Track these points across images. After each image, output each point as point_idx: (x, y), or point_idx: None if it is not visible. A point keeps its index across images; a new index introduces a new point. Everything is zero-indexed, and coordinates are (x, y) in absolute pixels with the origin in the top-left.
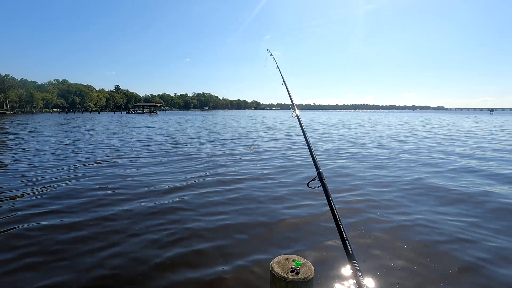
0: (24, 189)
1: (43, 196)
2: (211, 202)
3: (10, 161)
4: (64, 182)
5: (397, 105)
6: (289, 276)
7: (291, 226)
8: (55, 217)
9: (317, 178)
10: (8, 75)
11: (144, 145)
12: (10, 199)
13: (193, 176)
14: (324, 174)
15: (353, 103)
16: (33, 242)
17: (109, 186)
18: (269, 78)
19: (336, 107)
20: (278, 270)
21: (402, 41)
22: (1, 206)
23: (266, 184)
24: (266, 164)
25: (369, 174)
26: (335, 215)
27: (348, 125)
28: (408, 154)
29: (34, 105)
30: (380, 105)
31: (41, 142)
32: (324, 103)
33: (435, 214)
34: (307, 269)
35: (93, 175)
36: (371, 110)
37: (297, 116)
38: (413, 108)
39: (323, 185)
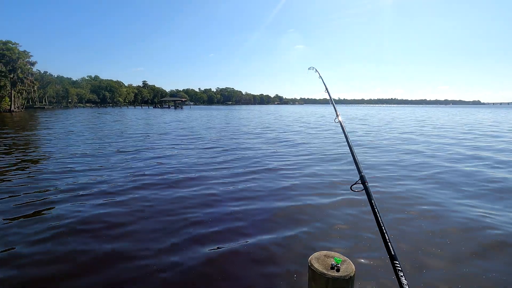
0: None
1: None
2: None
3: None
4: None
5: (428, 99)
6: (329, 273)
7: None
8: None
9: (359, 182)
10: (47, 72)
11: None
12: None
13: None
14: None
15: (380, 97)
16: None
17: None
18: (293, 73)
19: (361, 102)
20: (317, 266)
21: (434, 31)
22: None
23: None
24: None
25: None
26: (378, 217)
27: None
28: None
29: (69, 100)
30: (410, 99)
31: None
32: (349, 97)
33: None
34: (348, 267)
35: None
36: (399, 105)
37: (340, 122)
38: (446, 102)
39: (366, 188)
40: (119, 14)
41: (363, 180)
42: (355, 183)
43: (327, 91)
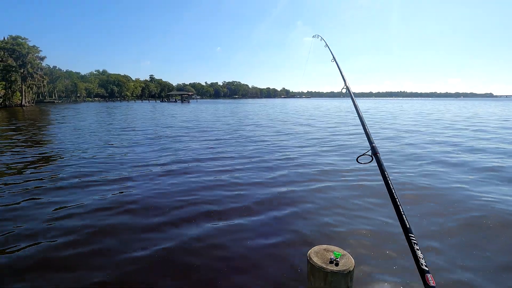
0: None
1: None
2: None
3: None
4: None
5: (438, 92)
6: (328, 267)
7: None
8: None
9: (368, 153)
10: (56, 66)
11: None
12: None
13: None
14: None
15: (389, 90)
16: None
17: None
18: (299, 67)
19: (370, 95)
20: (316, 260)
21: (444, 22)
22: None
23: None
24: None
25: None
26: (391, 189)
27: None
28: None
29: (78, 95)
30: (419, 92)
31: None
32: (357, 90)
33: None
34: (347, 261)
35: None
36: (408, 98)
37: (347, 88)
38: (457, 95)
39: (377, 159)
40: (125, 7)
41: (374, 151)
42: (362, 154)
43: (335, 60)
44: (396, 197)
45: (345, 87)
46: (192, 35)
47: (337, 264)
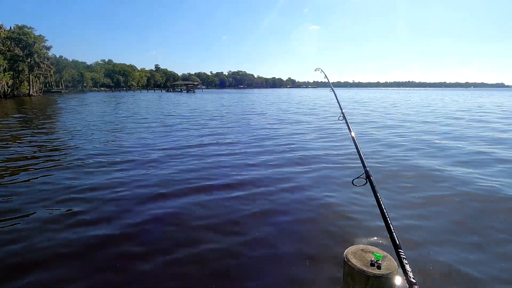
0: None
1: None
2: None
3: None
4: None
5: (447, 82)
6: (370, 270)
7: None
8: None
9: (363, 176)
10: (62, 56)
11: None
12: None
13: None
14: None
15: (397, 80)
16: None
17: None
18: (306, 57)
19: (377, 85)
20: (355, 262)
21: (455, 8)
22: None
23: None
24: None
25: None
26: (383, 210)
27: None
28: None
29: (85, 84)
30: (428, 82)
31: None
32: (364, 80)
33: None
34: (390, 263)
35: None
36: (416, 88)
37: (343, 116)
38: (467, 85)
39: (370, 182)
40: None
41: (367, 174)
42: (357, 177)
43: (333, 91)
44: (387, 216)
45: (341, 115)
46: (198, 23)
47: (379, 267)
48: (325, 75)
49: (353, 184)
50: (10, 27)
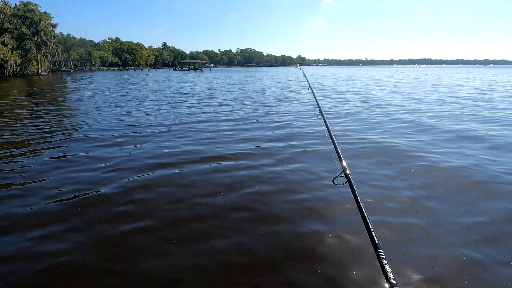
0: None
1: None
2: None
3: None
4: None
5: (465, 59)
6: None
7: None
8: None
9: (343, 175)
10: (69, 34)
11: None
12: None
13: None
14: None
15: (411, 57)
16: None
17: None
18: (317, 35)
19: (391, 62)
20: None
21: None
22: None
23: None
24: None
25: None
26: (362, 209)
27: None
28: None
29: (93, 63)
30: (444, 59)
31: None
32: (376, 58)
33: None
34: None
35: None
36: (431, 66)
37: (321, 115)
38: (486, 62)
39: (349, 180)
40: None
41: (345, 171)
42: (337, 176)
43: (311, 90)
44: (366, 215)
45: (319, 113)
46: None
47: None
48: (304, 74)
49: (334, 183)
50: (16, 4)
